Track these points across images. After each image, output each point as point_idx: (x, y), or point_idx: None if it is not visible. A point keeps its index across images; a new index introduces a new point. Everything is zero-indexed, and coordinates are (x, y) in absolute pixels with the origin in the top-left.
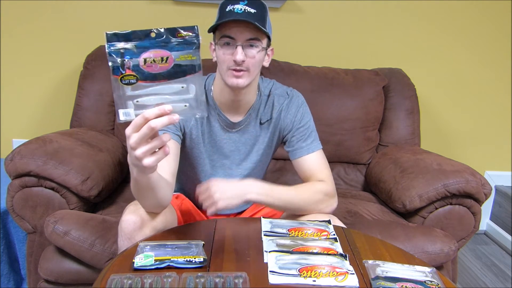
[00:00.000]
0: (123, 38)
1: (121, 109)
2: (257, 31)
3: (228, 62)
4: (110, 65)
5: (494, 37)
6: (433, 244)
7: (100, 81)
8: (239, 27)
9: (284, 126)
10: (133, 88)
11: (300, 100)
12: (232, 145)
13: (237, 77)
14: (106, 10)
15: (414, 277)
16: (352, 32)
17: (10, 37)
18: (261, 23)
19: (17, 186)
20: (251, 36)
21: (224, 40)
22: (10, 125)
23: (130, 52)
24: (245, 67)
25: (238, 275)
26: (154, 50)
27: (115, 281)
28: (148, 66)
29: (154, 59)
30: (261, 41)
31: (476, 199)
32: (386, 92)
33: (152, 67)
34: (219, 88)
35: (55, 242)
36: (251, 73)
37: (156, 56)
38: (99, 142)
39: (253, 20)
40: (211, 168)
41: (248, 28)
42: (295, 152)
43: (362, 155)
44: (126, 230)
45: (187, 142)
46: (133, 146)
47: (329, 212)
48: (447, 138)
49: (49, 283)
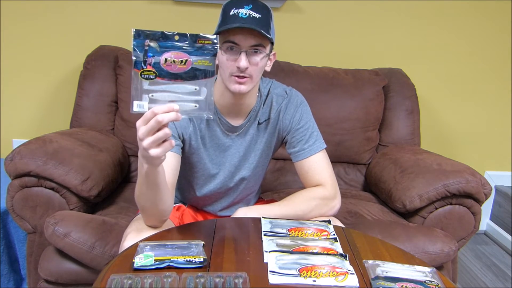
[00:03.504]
0: (149, 37)
1: (136, 101)
2: (262, 38)
3: (231, 68)
4: (133, 59)
5: (494, 37)
6: (433, 244)
7: (100, 81)
8: (243, 33)
9: (283, 127)
10: (150, 83)
11: (299, 100)
12: (233, 148)
13: (239, 84)
14: (106, 10)
15: (414, 277)
16: (352, 32)
17: (10, 37)
18: (266, 29)
19: (17, 186)
20: (255, 43)
21: (228, 45)
22: (10, 125)
23: (154, 50)
24: (248, 73)
25: (238, 275)
26: (176, 51)
27: (115, 281)
28: (167, 65)
29: (174, 60)
30: (265, 48)
31: (476, 199)
32: (386, 92)
33: (171, 67)
34: (219, 92)
35: (55, 243)
36: (253, 79)
37: (176, 58)
38: (99, 142)
39: (258, 27)
40: (212, 172)
41: (252, 35)
42: (296, 155)
43: (362, 155)
44: None
45: (186, 148)
46: (141, 137)
47: (332, 214)
48: (447, 138)
49: (49, 283)
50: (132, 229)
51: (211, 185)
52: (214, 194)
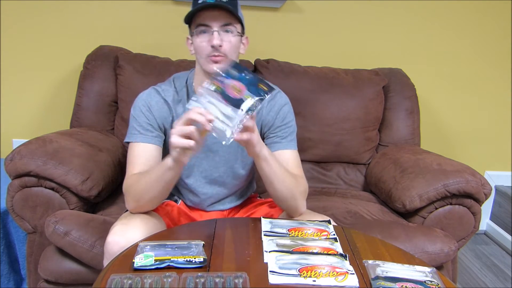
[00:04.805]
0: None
1: (194, 99)
2: (231, 17)
3: (206, 49)
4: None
5: (494, 37)
6: (433, 244)
7: (100, 81)
8: (213, 13)
9: (265, 123)
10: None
11: (284, 101)
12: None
13: (215, 62)
14: (106, 10)
15: (414, 277)
16: (352, 32)
17: (10, 37)
18: (234, 9)
19: (17, 186)
20: (225, 22)
21: (200, 28)
22: (10, 125)
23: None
24: (223, 52)
25: (238, 275)
26: (240, 83)
27: (115, 281)
28: (229, 89)
29: (235, 88)
30: (235, 26)
31: (476, 199)
32: (386, 92)
33: (230, 91)
34: (199, 80)
35: (55, 242)
36: (228, 58)
37: (238, 87)
38: (99, 142)
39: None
40: (195, 160)
41: (221, 15)
42: (272, 145)
43: (362, 155)
44: (111, 252)
45: (168, 139)
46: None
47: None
48: (447, 138)
49: (49, 283)
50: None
51: (195, 174)
52: (199, 186)
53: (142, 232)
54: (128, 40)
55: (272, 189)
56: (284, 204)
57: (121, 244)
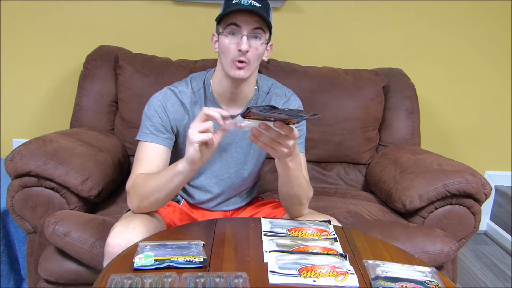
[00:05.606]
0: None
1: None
2: (262, 22)
3: (232, 52)
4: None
5: (494, 37)
6: (433, 244)
7: (100, 81)
8: (245, 16)
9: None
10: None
11: (298, 104)
12: (230, 138)
13: (239, 69)
14: (106, 10)
15: (414, 277)
16: (352, 32)
17: (10, 37)
18: (266, 15)
19: (17, 186)
20: (256, 26)
21: (230, 28)
22: (10, 125)
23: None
24: (247, 58)
25: (238, 275)
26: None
27: (115, 281)
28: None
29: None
30: (264, 33)
31: (476, 199)
32: (386, 92)
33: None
34: (217, 79)
35: (55, 243)
36: (251, 65)
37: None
38: (99, 142)
39: (258, 11)
40: (207, 162)
41: (253, 19)
42: None
43: (362, 155)
44: (111, 253)
45: (180, 140)
46: (191, 125)
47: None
48: (447, 138)
49: (49, 283)
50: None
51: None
52: (208, 184)
53: (142, 234)
54: (128, 40)
55: (285, 189)
56: (291, 206)
57: (121, 246)
